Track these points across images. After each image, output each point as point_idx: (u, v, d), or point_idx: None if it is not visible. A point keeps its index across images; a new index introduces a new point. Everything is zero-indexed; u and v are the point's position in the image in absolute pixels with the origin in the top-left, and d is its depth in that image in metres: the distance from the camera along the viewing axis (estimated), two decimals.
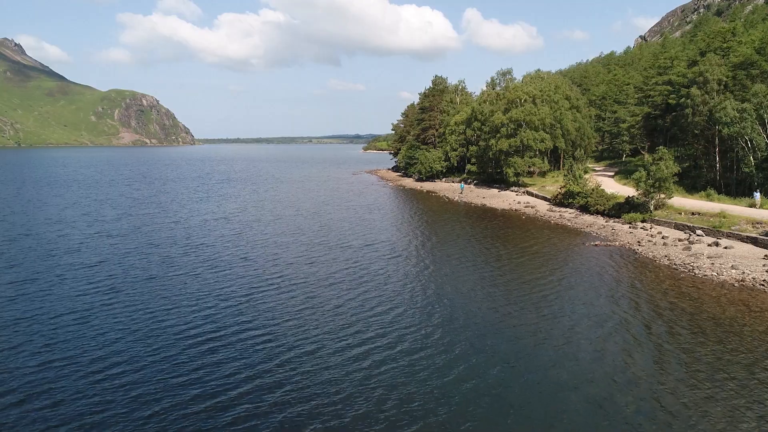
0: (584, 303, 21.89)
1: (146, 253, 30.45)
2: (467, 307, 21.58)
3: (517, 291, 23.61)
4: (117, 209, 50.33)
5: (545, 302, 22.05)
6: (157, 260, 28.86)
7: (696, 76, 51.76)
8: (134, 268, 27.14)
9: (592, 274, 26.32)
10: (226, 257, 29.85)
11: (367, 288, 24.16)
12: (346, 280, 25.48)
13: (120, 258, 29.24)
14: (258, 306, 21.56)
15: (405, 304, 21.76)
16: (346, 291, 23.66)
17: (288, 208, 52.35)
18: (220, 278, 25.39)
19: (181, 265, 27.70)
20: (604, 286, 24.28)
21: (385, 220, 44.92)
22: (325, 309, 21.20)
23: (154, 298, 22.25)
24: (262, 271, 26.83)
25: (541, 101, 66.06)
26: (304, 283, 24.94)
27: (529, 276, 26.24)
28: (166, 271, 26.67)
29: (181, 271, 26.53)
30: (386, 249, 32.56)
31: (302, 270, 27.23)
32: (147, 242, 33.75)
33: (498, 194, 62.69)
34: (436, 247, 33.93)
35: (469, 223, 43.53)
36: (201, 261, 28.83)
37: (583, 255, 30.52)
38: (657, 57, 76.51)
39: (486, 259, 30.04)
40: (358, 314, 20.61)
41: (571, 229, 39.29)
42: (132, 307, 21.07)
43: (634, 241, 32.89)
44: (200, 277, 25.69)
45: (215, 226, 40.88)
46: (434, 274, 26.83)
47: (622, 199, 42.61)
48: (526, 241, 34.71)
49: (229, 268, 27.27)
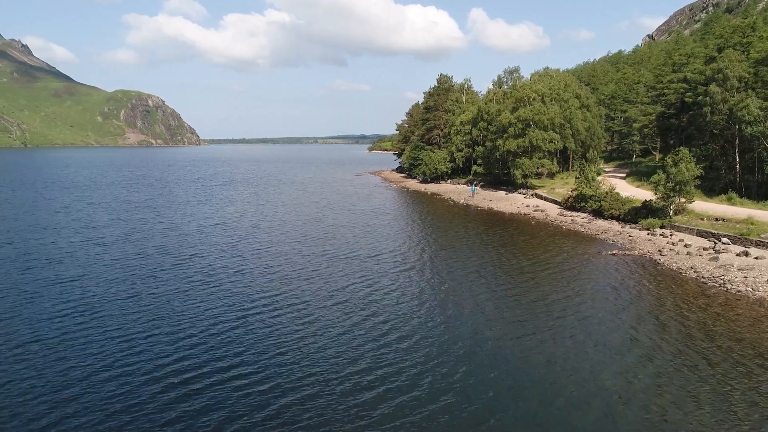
0: (606, 326, 19.57)
1: (132, 266, 28.26)
2: (481, 335, 19.21)
3: (532, 313, 21.13)
4: (110, 214, 48.48)
5: (564, 326, 19.75)
6: (142, 274, 26.64)
7: (715, 73, 49.18)
8: (116, 284, 24.85)
9: (612, 290, 23.96)
10: (218, 271, 27.34)
11: (376, 310, 21.36)
12: (351, 299, 22.77)
13: (102, 272, 26.98)
14: (249, 334, 18.84)
15: (418, 331, 19.03)
16: (352, 314, 20.87)
17: (289, 213, 50.25)
18: (209, 298, 22.83)
19: (167, 281, 25.39)
20: (627, 305, 21.91)
21: (389, 226, 42.48)
22: (327, 337, 18.48)
23: (132, 323, 19.86)
24: (257, 289, 24.30)
25: (550, 100, 63.62)
26: (303, 304, 22.14)
27: (544, 294, 23.85)
28: (151, 288, 24.33)
29: (168, 288, 24.22)
30: (392, 261, 29.98)
31: (302, 287, 24.54)
32: (135, 252, 31.62)
33: (505, 197, 60.31)
34: (442, 258, 31.38)
35: (477, 230, 41.18)
36: (191, 276, 26.42)
37: (601, 266, 28.15)
38: (670, 54, 73.84)
39: (496, 273, 27.59)
40: (367, 344, 17.74)
41: (585, 235, 36.90)
42: (106, 337, 18.45)
43: (655, 250, 30.49)
44: (188, 295, 23.18)
45: (211, 233, 38.67)
46: (443, 292, 24.32)
47: (638, 203, 40.16)
48: (538, 251, 32.33)
49: (220, 285, 24.73)
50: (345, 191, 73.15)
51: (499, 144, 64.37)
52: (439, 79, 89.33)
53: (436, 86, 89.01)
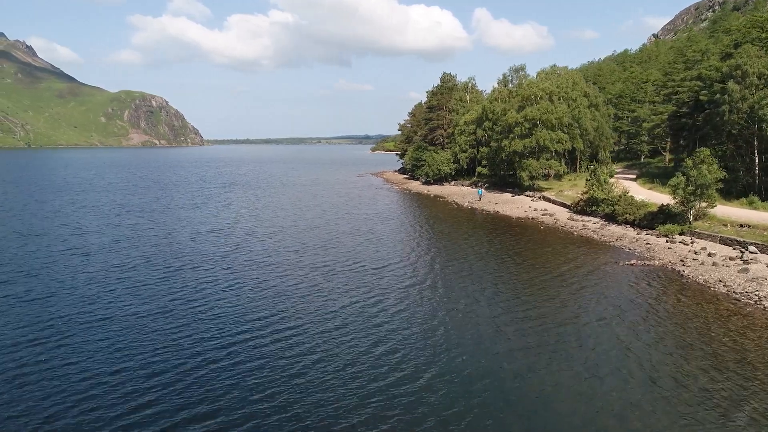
0: (628, 352, 17.32)
1: (112, 281, 25.97)
2: (494, 366, 17.05)
3: (547, 336, 18.89)
4: (100, 218, 46.52)
5: (583, 353, 17.54)
6: (122, 291, 24.31)
7: (732, 70, 46.75)
8: (89, 303, 22.50)
9: (634, 308, 21.68)
10: (206, 288, 24.83)
11: (383, 336, 18.83)
12: (354, 322, 20.27)
13: (78, 288, 24.67)
14: (232, 369, 16.19)
15: (432, 366, 16.43)
16: (356, 341, 18.39)
17: (287, 218, 48.10)
18: (192, 322, 20.32)
19: (148, 300, 23.07)
20: (652, 327, 19.62)
21: (391, 233, 40.04)
22: (326, 374, 15.79)
23: (98, 353, 17.41)
24: (248, 309, 21.85)
25: (557, 98, 61.29)
26: (300, 328, 19.63)
27: (558, 311, 21.59)
28: (128, 308, 21.99)
29: (146, 309, 21.91)
30: (397, 275, 27.44)
31: (299, 307, 21.99)
32: (119, 264, 29.42)
33: (511, 200, 58.03)
34: (451, 272, 28.49)
35: (483, 237, 38.84)
36: (175, 293, 24.02)
37: (619, 279, 25.87)
38: (682, 52, 71.28)
39: (506, 287, 25.23)
40: (374, 384, 15.18)
41: (599, 242, 34.62)
42: (64, 373, 16.01)
43: (677, 260, 28.20)
44: (168, 318, 20.74)
45: (203, 241, 36.31)
46: (455, 313, 21.65)
47: (654, 208, 37.86)
48: (549, 261, 30.01)
49: (207, 305, 22.23)
50: (346, 193, 71.05)
51: (505, 144, 62.13)
52: (442, 78, 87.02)
53: (440, 85, 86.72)
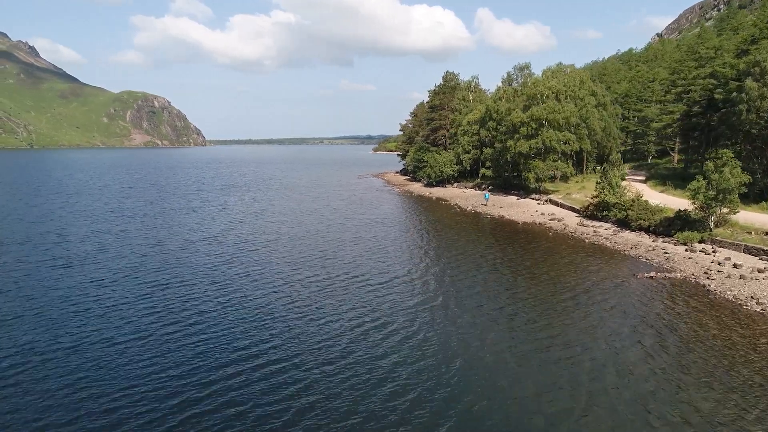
0: (652, 387, 15.19)
1: (92, 297, 23.76)
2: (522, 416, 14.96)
3: (578, 370, 16.56)
4: (89, 224, 44.51)
5: (603, 386, 15.40)
6: (99, 311, 22.13)
7: (750, 67, 44.47)
8: (63, 326, 20.33)
9: (658, 330, 19.45)
10: (192, 307, 22.46)
11: (390, 368, 16.38)
12: (357, 350, 17.76)
13: (53, 307, 22.50)
14: (216, 410, 14.18)
15: (446, 411, 14.50)
16: (361, 378, 15.85)
17: (284, 224, 45.95)
18: (172, 350, 18.08)
19: (128, 321, 20.82)
20: (680, 355, 17.37)
21: (394, 241, 37.57)
22: (324, 420, 13.66)
23: (65, 390, 15.39)
24: (238, 334, 19.44)
25: (564, 97, 59.02)
26: (295, 357, 17.26)
27: (582, 336, 19.25)
28: (103, 332, 19.73)
29: (125, 332, 19.76)
30: (403, 290, 24.88)
31: (294, 332, 19.55)
32: (100, 277, 27.17)
33: (517, 203, 55.80)
34: (458, 286, 26.18)
35: (490, 245, 36.46)
36: (157, 313, 21.65)
37: (638, 294, 23.64)
38: (693, 49, 68.89)
39: (522, 308, 22.78)
40: None
41: (612, 251, 32.38)
42: (21, 411, 14.23)
43: (700, 272, 25.97)
44: (147, 344, 18.49)
45: (195, 251, 33.88)
46: (467, 340, 19.78)
47: (670, 213, 35.61)
48: (562, 273, 27.73)
49: (191, 329, 19.81)
50: (348, 197, 68.94)
51: (510, 145, 59.91)
52: (444, 77, 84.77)
53: (442, 84, 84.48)
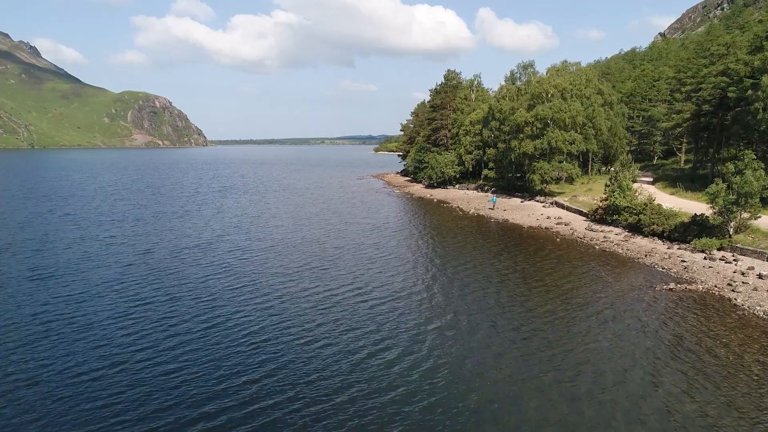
0: (683, 424, 13.26)
1: (67, 317, 21.68)
2: None
3: (593, 400, 14.81)
4: (75, 230, 42.64)
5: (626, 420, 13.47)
6: (71, 333, 20.08)
7: (766, 63, 42.54)
8: (31, 346, 18.54)
9: (695, 354, 17.40)
10: (179, 325, 20.33)
11: (398, 404, 14.37)
12: (359, 383, 15.67)
13: (24, 327, 20.59)
14: None
15: None
16: (366, 413, 13.99)
17: (281, 230, 43.97)
18: (149, 378, 16.20)
19: (103, 343, 18.87)
20: (728, 387, 15.37)
21: (396, 250, 35.23)
22: None
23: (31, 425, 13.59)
24: (226, 358, 17.42)
25: (570, 96, 57.03)
26: (291, 389, 15.28)
27: (598, 358, 17.35)
28: (75, 357, 17.73)
29: (98, 357, 17.85)
30: (408, 307, 22.56)
31: (287, 359, 17.27)
32: (81, 291, 25.13)
33: (521, 205, 53.85)
34: (467, 301, 24.33)
35: (496, 252, 34.29)
36: (136, 334, 19.49)
37: (659, 310, 21.64)
38: (702, 46, 66.84)
39: (530, 323, 20.80)
40: None
41: (625, 259, 30.40)
42: None
43: (723, 283, 24.01)
44: (123, 373, 16.42)
45: (185, 261, 31.64)
46: (482, 371, 17.96)
47: (685, 218, 33.64)
48: (574, 284, 25.72)
49: (174, 353, 17.80)
50: (347, 199, 67.06)
51: (514, 145, 58.00)
52: (446, 75, 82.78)
53: (443, 83, 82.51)
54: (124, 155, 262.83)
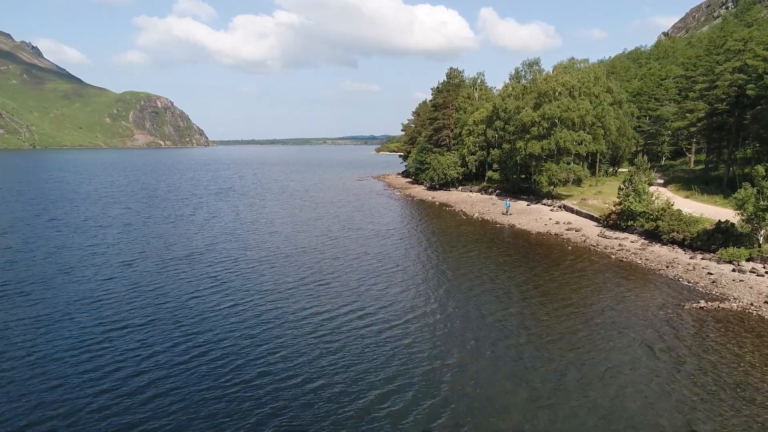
0: None
1: (29, 340, 19.58)
2: None
3: None
4: (60, 238, 40.35)
5: None
6: (34, 359, 18.02)
7: None
8: None
9: (726, 392, 15.07)
10: (152, 365, 17.43)
11: None
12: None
13: None
14: None
15: None
16: None
17: (277, 237, 41.62)
18: (120, 415, 14.11)
19: (69, 377, 16.70)
20: None
21: (400, 261, 32.47)
22: None
23: None
24: (206, 402, 15.04)
25: (578, 94, 54.57)
26: None
27: (627, 397, 15.09)
28: (36, 391, 15.67)
29: (59, 398, 15.63)
30: (415, 334, 19.73)
31: (283, 400, 15.00)
32: (50, 310, 22.91)
33: (527, 209, 51.43)
34: (478, 325, 22.24)
35: (505, 263, 31.67)
36: (102, 374, 16.94)
37: (692, 333, 19.15)
38: (715, 42, 64.25)
39: (561, 357, 18.31)
40: None
41: (645, 270, 27.94)
42: None
43: (759, 301, 21.57)
44: (83, 416, 14.27)
45: (170, 277, 28.75)
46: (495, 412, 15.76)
47: (708, 224, 31.19)
48: (591, 301, 23.26)
49: (146, 393, 15.50)
50: (345, 203, 64.76)
51: (520, 146, 55.60)
52: (448, 74, 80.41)
53: (446, 81, 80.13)
54: (125, 155, 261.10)
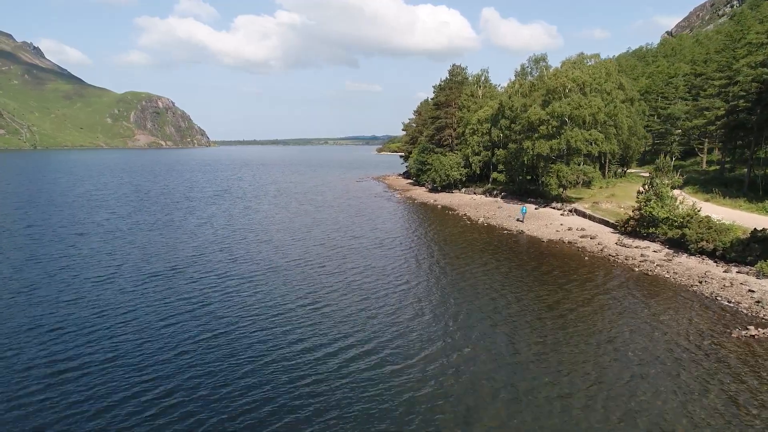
0: None
1: None
2: None
3: None
4: (34, 247, 37.58)
5: None
6: None
7: None
8: None
9: None
10: (124, 387, 15.48)
11: None
12: None
13: None
14: None
15: None
16: None
17: (271, 246, 38.51)
18: None
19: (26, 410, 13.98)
20: None
21: (403, 277, 29.14)
22: None
23: None
24: None
25: (590, 90, 51.53)
26: None
27: None
28: None
29: None
30: (419, 365, 17.34)
31: None
32: (12, 330, 20.43)
33: (536, 213, 48.43)
34: (489, 350, 19.36)
35: (516, 277, 28.63)
36: (70, 397, 14.84)
37: (746, 370, 16.22)
38: (733, 37, 61.16)
39: (599, 394, 15.63)
40: None
41: (675, 286, 24.93)
42: None
43: None
44: None
45: (147, 298, 25.58)
46: None
47: (741, 233, 28.18)
48: (618, 326, 20.17)
49: None
50: (345, 207, 61.85)
51: (527, 146, 52.60)
52: (451, 71, 77.39)
53: (448, 79, 77.12)
54: (125, 156, 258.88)
